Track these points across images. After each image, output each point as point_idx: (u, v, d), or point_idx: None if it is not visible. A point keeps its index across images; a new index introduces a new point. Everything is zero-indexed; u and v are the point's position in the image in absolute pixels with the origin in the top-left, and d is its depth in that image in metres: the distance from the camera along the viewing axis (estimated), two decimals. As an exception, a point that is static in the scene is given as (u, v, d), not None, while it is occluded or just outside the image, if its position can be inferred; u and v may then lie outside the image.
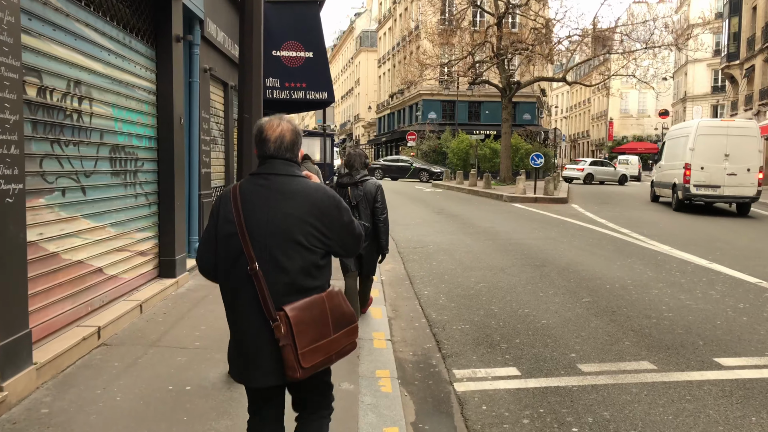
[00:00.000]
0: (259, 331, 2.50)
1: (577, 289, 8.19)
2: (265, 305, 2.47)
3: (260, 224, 2.51)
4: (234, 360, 2.63)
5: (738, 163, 17.58)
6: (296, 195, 2.54)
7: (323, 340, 2.52)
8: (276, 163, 2.60)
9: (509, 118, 29.38)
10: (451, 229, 14.64)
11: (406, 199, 23.11)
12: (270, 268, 2.49)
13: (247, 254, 2.49)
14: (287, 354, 2.45)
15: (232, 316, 2.61)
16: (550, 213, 18.24)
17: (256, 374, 2.54)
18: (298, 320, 2.45)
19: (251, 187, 2.58)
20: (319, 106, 14.95)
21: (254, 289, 2.48)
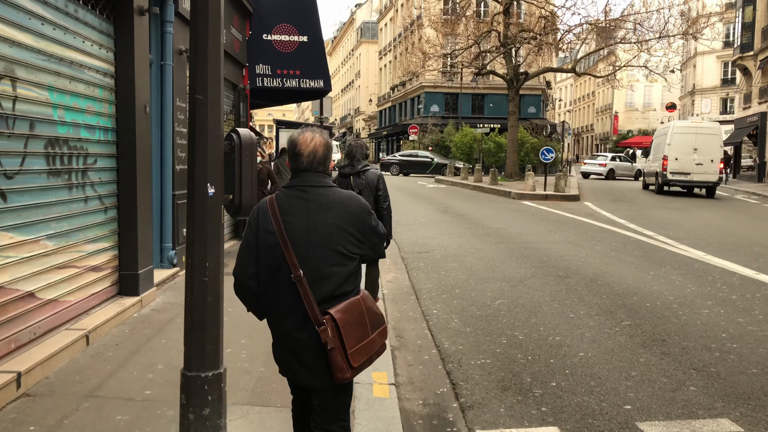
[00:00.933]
0: (305, 336, 2.64)
1: (612, 307, 6.99)
2: (311, 310, 2.61)
3: (302, 234, 2.66)
4: (280, 359, 2.80)
5: (704, 155, 21.98)
6: (334, 205, 2.71)
7: (365, 340, 2.69)
8: (310, 175, 2.75)
9: (516, 110, 28.10)
10: (458, 231, 13.44)
11: (408, 195, 21.89)
12: (313, 275, 2.64)
13: (291, 263, 2.63)
14: (335, 356, 2.59)
15: (274, 322, 2.77)
16: (563, 212, 17.03)
17: (305, 375, 2.70)
18: (344, 322, 2.61)
19: (288, 199, 2.73)
20: (315, 95, 13.73)
21: (296, 295, 2.63)
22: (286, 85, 12.28)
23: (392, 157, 38.71)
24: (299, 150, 2.77)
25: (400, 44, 56.17)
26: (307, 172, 2.76)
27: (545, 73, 37.11)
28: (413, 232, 13.31)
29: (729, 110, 55.74)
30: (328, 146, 2.82)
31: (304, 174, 2.77)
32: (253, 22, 12.20)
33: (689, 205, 19.73)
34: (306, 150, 2.76)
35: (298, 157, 2.77)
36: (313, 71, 12.35)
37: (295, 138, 2.82)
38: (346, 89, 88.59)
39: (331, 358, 2.61)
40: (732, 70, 55.49)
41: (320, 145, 2.78)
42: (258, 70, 12.22)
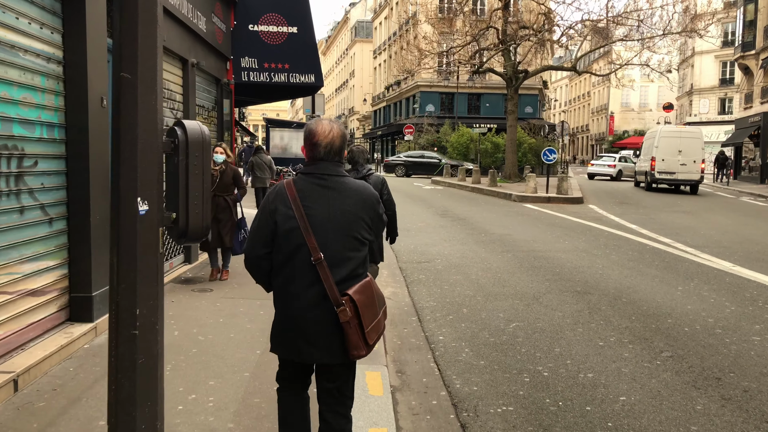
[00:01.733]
0: (319, 315, 2.75)
1: (646, 333, 6.05)
2: (331, 291, 2.73)
3: (321, 219, 2.78)
4: (285, 339, 2.84)
5: (688, 156, 24.67)
6: (352, 193, 2.85)
7: (375, 319, 2.86)
8: (328, 165, 2.85)
9: (515, 110, 27.18)
10: (460, 237, 12.50)
11: (404, 197, 20.92)
12: (331, 259, 2.76)
13: (311, 246, 2.74)
14: (352, 335, 2.74)
15: (286, 301, 2.82)
16: (568, 216, 16.11)
17: (313, 352, 2.78)
18: (362, 303, 2.76)
19: (307, 185, 2.82)
20: (306, 92, 12.76)
21: (314, 276, 2.74)
22: (275, 79, 11.32)
23: (396, 157, 36.89)
24: (317, 140, 2.84)
25: (395, 43, 55.24)
26: (324, 161, 2.85)
27: (544, 72, 36.21)
28: (411, 238, 12.36)
29: (727, 110, 55.06)
30: (344, 137, 2.90)
31: (322, 163, 2.85)
32: (238, 11, 11.23)
33: (699, 208, 18.86)
34: (324, 140, 2.84)
35: (316, 147, 2.84)
36: (303, 65, 11.40)
37: (313, 128, 2.86)
38: (341, 89, 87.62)
39: (349, 336, 2.73)
40: (731, 70, 54.80)
41: (338, 137, 2.87)
42: (243, 63, 11.25)
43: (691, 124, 54.84)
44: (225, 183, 7.75)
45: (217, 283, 7.78)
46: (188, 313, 6.35)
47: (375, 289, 2.89)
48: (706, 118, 55.52)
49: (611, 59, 28.02)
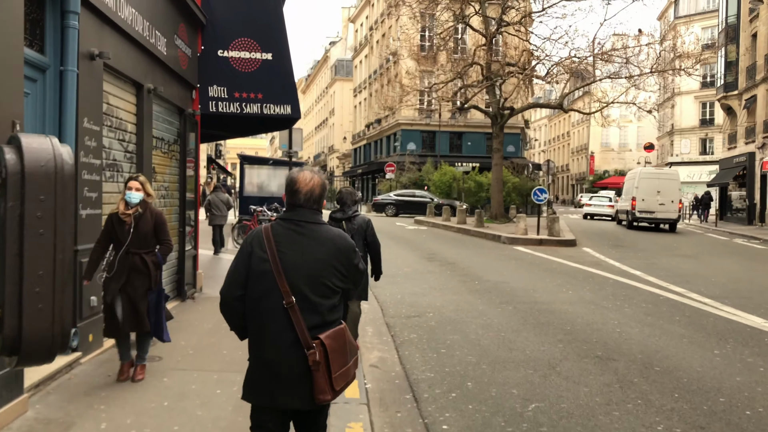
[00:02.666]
0: (289, 359, 2.79)
1: (699, 417, 4.86)
2: (302, 335, 2.78)
3: (294, 265, 2.82)
4: (258, 384, 2.87)
5: (666, 197, 26.03)
6: (326, 242, 2.91)
7: (345, 366, 2.87)
8: (305, 211, 2.93)
9: (500, 148, 26.35)
10: (451, 284, 11.30)
11: (387, 239, 19.72)
12: (302, 302, 2.81)
13: (283, 290, 2.79)
14: (319, 378, 2.76)
15: (258, 345, 2.87)
16: (564, 260, 15.02)
17: (284, 397, 2.82)
18: (332, 348, 2.81)
19: (283, 231, 2.90)
20: (281, 124, 11.61)
21: (286, 320, 2.79)
22: (246, 110, 10.16)
23: (386, 196, 35.17)
24: (298, 187, 2.93)
25: (376, 81, 54.84)
26: (302, 208, 2.93)
27: (529, 110, 35.67)
28: (398, 286, 11.15)
29: (708, 150, 55.16)
30: (324, 186, 2.99)
31: (300, 210, 2.93)
32: (207, 34, 10.13)
33: (699, 252, 17.93)
34: (305, 188, 2.93)
35: (296, 194, 2.93)
36: (278, 95, 10.27)
37: (295, 176, 2.97)
38: (320, 127, 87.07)
39: (316, 379, 2.77)
40: (710, 110, 55.12)
41: (317, 185, 2.96)
42: (212, 92, 10.09)
43: (673, 164, 54.80)
44: (143, 234, 5.39)
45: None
46: None
47: (347, 337, 2.94)
48: (687, 158, 55.55)
49: (598, 98, 27.43)
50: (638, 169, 29.44)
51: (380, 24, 53.93)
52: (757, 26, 33.97)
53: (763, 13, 32.63)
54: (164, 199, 8.66)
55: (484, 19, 25.61)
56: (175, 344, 6.49)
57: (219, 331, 7.09)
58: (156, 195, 8.33)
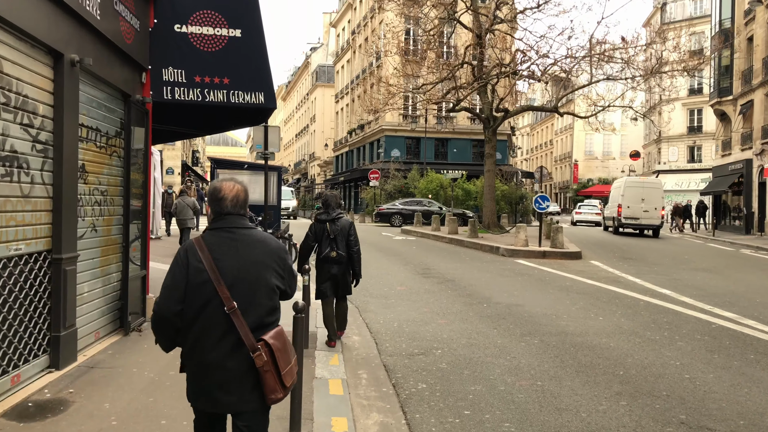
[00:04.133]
0: (234, 363, 2.83)
1: None
2: (246, 338, 2.82)
3: (231, 270, 2.87)
4: (202, 390, 2.89)
5: (649, 204, 27.49)
6: (258, 244, 2.97)
7: (290, 364, 2.95)
8: (234, 218, 2.98)
9: (493, 153, 24.68)
10: (456, 308, 9.51)
11: (375, 251, 17.91)
12: (243, 306, 2.85)
13: (224, 296, 2.83)
14: (269, 379, 2.83)
15: (199, 352, 2.87)
16: (576, 275, 13.31)
17: (230, 401, 2.86)
18: (277, 348, 2.86)
19: (216, 239, 2.93)
20: (252, 118, 9.71)
21: (227, 326, 2.82)
22: (209, 98, 8.29)
23: (392, 206, 32.62)
24: (223, 195, 2.97)
25: (359, 86, 53.12)
26: (231, 215, 2.97)
27: (514, 116, 34.11)
28: (392, 309, 9.34)
29: (696, 158, 54.17)
30: (246, 191, 3.06)
31: (229, 217, 2.97)
32: (161, 5, 8.26)
33: (715, 265, 16.35)
34: (230, 194, 2.98)
35: (222, 201, 2.97)
36: (248, 80, 8.43)
37: (217, 185, 3.02)
38: (301, 134, 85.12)
39: (266, 380, 2.82)
40: (698, 117, 54.22)
41: (241, 191, 3.02)
42: (166, 75, 8.22)
43: (660, 172, 53.73)
44: None
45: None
46: None
47: (287, 336, 3.00)
48: (675, 166, 54.50)
49: (593, 100, 25.92)
50: (624, 178, 31.72)
51: (363, 28, 52.31)
52: (753, 29, 32.83)
53: (760, 15, 31.48)
54: (99, 207, 6.76)
55: (476, 16, 23.99)
56: (98, 407, 4.61)
57: (162, 385, 5.23)
58: (88, 200, 6.46)
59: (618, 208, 28.18)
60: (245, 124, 10.05)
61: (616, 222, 28.55)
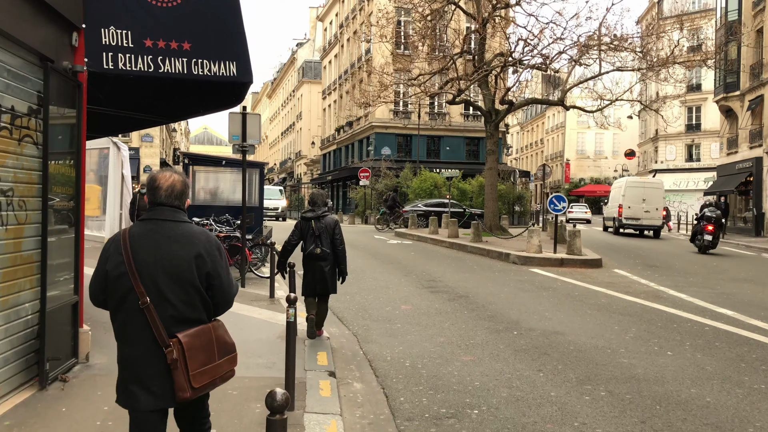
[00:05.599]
0: (151, 358, 2.81)
1: None
2: (158, 333, 2.79)
3: (148, 264, 2.83)
4: (126, 387, 2.87)
5: (650, 204, 26.90)
6: (181, 238, 2.88)
7: (210, 364, 2.87)
8: (165, 209, 2.92)
9: (495, 149, 22.79)
10: (480, 337, 7.58)
11: (369, 257, 15.95)
12: (159, 301, 2.81)
13: (138, 290, 2.80)
14: (178, 376, 2.78)
15: (122, 346, 2.90)
16: (607, 290, 11.44)
17: (148, 398, 2.82)
18: (190, 346, 2.80)
19: (141, 231, 2.90)
20: (225, 98, 7.64)
21: (144, 320, 2.80)
22: (164, 69, 6.28)
23: (414, 206, 29.97)
24: (158, 184, 2.92)
25: (347, 81, 51.09)
26: (162, 206, 2.91)
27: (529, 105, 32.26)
28: (400, 339, 7.40)
29: (695, 157, 52.69)
30: (185, 183, 2.99)
31: (160, 208, 2.92)
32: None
33: (756, 275, 14.56)
34: (165, 184, 2.92)
35: (156, 191, 2.91)
36: (216, 45, 6.44)
37: (155, 174, 2.97)
38: (287, 132, 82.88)
39: (175, 377, 2.78)
40: (697, 115, 52.75)
41: (178, 181, 2.95)
42: (107, 38, 6.20)
43: (658, 171, 52.20)
44: None
45: None
46: None
47: (217, 335, 2.93)
48: (673, 165, 52.98)
49: (599, 94, 24.11)
50: (625, 178, 31.62)
51: (351, 20, 50.26)
52: (762, 20, 31.22)
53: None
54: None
55: (476, 2, 22.08)
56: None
57: None
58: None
59: (619, 208, 27.56)
60: (215, 106, 8.00)
61: (617, 222, 28.01)
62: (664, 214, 28.38)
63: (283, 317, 8.68)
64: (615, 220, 28.43)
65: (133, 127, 10.19)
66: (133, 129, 10.47)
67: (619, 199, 27.90)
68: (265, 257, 12.77)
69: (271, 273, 10.19)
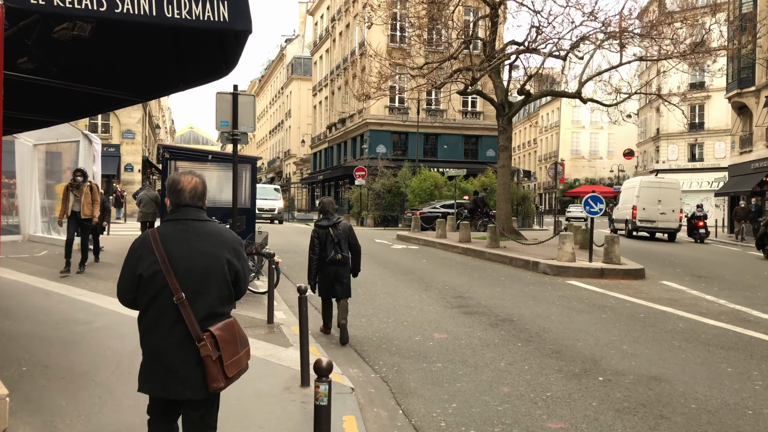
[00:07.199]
0: (182, 351, 2.93)
1: None
2: (193, 328, 2.91)
3: (182, 261, 2.95)
4: (153, 376, 2.99)
5: (667, 206, 25.23)
6: (210, 236, 3.05)
7: (237, 356, 3.05)
8: (190, 210, 3.06)
9: (508, 145, 20.81)
10: (557, 386, 5.60)
11: (376, 265, 13.90)
12: (193, 297, 2.94)
13: (173, 287, 2.92)
14: (212, 368, 2.92)
15: (153, 340, 2.99)
16: (675, 309, 9.49)
17: (179, 388, 2.95)
18: (222, 339, 2.96)
19: (170, 231, 3.02)
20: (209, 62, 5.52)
21: (177, 315, 2.92)
22: (122, 8, 4.19)
23: (433, 207, 28.13)
24: (182, 186, 3.06)
25: (339, 77, 48.98)
26: (187, 207, 3.06)
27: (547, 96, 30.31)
28: (448, 389, 5.44)
29: (698, 157, 51.13)
30: (205, 185, 3.14)
31: (185, 209, 3.06)
32: None
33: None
34: (188, 186, 3.06)
35: (180, 193, 3.05)
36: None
37: (177, 177, 3.10)
38: (275, 131, 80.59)
39: (209, 369, 2.91)
40: (700, 114, 51.19)
41: (199, 183, 3.11)
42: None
43: (660, 171, 50.54)
44: None
45: None
46: None
47: (237, 328, 3.08)
48: (675, 165, 51.36)
49: (615, 87, 22.27)
50: (638, 178, 29.67)
51: (344, 13, 48.15)
52: (782, 12, 29.53)
53: (793, -4, 28.19)
54: None
55: (488, -17, 20.13)
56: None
57: None
58: None
59: (633, 209, 25.69)
60: (199, 74, 5.85)
61: (630, 225, 26.08)
62: (681, 215, 26.39)
63: (288, 354, 6.65)
64: (628, 222, 26.45)
65: (97, 109, 8.05)
66: (97, 111, 8.33)
67: (632, 200, 26.04)
68: (260, 268, 10.71)
69: (269, 289, 8.13)
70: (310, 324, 6.14)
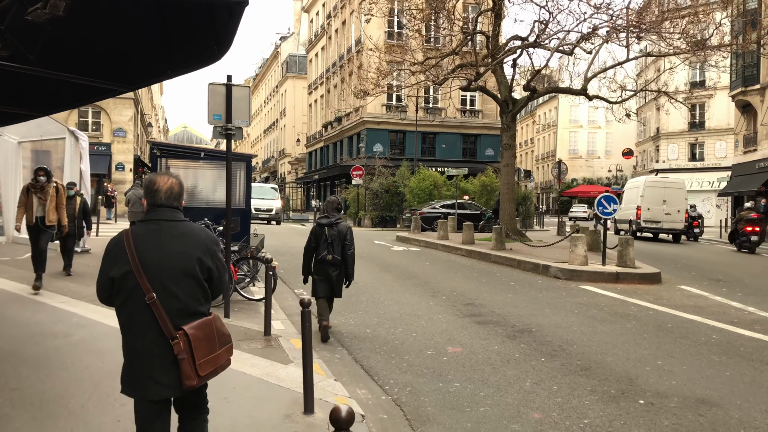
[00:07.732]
0: (158, 350, 2.93)
1: None
2: (165, 327, 2.92)
3: (153, 261, 2.96)
4: (131, 378, 2.99)
5: (672, 206, 24.75)
6: (183, 235, 3.05)
7: (212, 354, 3.03)
8: (165, 210, 3.07)
9: (512, 143, 20.18)
10: (595, 413, 4.95)
11: (378, 269, 13.22)
12: (165, 296, 2.95)
13: (144, 287, 2.92)
14: (185, 366, 2.92)
15: (129, 340, 3.00)
16: (701, 317, 8.84)
17: (155, 388, 2.95)
18: (195, 337, 2.94)
19: (143, 231, 3.03)
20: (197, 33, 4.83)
21: (151, 314, 2.92)
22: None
23: (433, 207, 27.41)
24: (157, 187, 3.06)
25: (335, 75, 48.25)
26: (162, 207, 3.06)
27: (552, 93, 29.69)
28: (470, 415, 4.93)
29: (698, 156, 50.58)
30: (182, 185, 3.15)
31: (160, 209, 3.06)
32: None
33: None
34: (164, 186, 3.06)
35: (156, 193, 3.05)
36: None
37: (153, 178, 3.10)
38: (270, 130, 79.78)
39: (182, 367, 2.91)
40: (701, 113, 50.63)
41: (176, 184, 3.11)
42: None
43: (660, 171, 50.00)
44: None
45: None
46: None
47: (217, 326, 3.07)
48: (675, 165, 50.81)
49: (621, 84, 21.69)
50: (642, 177, 29.23)
51: (340, 10, 47.43)
52: (788, 8, 28.97)
53: (799, -8, 27.66)
54: None
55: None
56: None
57: None
58: None
59: (637, 210, 25.12)
60: (187, 57, 5.12)
61: (635, 225, 25.54)
62: (687, 215, 25.84)
63: (288, 373, 5.96)
64: (632, 222, 25.92)
65: (78, 101, 7.31)
66: (79, 103, 7.60)
67: (636, 200, 25.47)
68: (256, 273, 10.01)
69: (267, 296, 7.43)
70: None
